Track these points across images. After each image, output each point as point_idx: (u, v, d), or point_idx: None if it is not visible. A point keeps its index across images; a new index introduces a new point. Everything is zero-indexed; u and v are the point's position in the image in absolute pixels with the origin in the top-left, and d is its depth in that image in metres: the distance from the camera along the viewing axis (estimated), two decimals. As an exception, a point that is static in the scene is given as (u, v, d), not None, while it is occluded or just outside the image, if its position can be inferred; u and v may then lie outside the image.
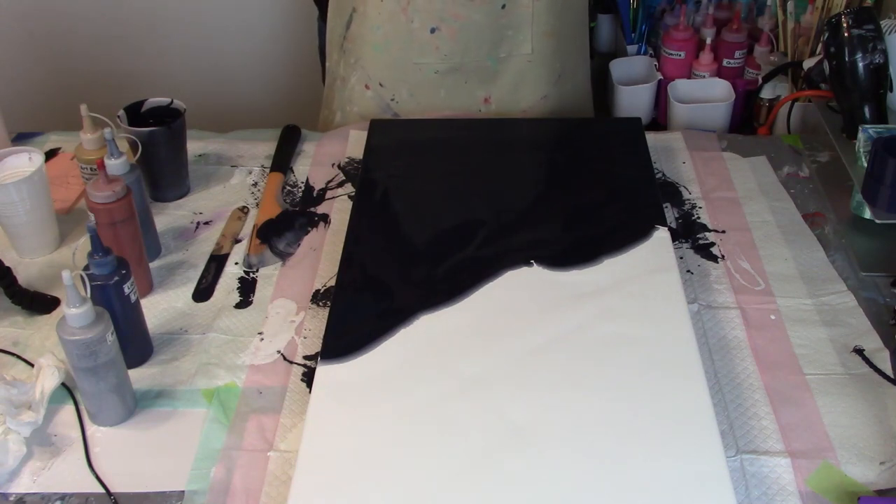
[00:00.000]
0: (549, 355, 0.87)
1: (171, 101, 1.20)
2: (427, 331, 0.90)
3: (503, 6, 1.24)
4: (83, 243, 0.90)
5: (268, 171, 1.24)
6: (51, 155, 1.27)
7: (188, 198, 1.21)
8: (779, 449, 0.83)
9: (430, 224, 1.06)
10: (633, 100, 1.55)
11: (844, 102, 1.15)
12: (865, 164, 1.07)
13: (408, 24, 1.24)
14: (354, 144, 1.28)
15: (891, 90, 1.13)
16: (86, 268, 0.88)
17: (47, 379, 0.88)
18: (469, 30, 1.24)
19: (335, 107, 1.40)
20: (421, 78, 1.29)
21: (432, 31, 1.25)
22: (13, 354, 0.96)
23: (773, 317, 0.98)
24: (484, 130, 1.24)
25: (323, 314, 0.99)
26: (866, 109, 1.12)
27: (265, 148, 1.29)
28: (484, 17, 1.23)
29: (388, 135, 1.23)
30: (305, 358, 0.95)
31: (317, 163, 1.26)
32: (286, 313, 1.01)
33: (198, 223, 1.16)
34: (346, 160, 1.26)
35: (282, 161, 1.25)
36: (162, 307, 1.02)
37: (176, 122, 1.16)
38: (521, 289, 0.95)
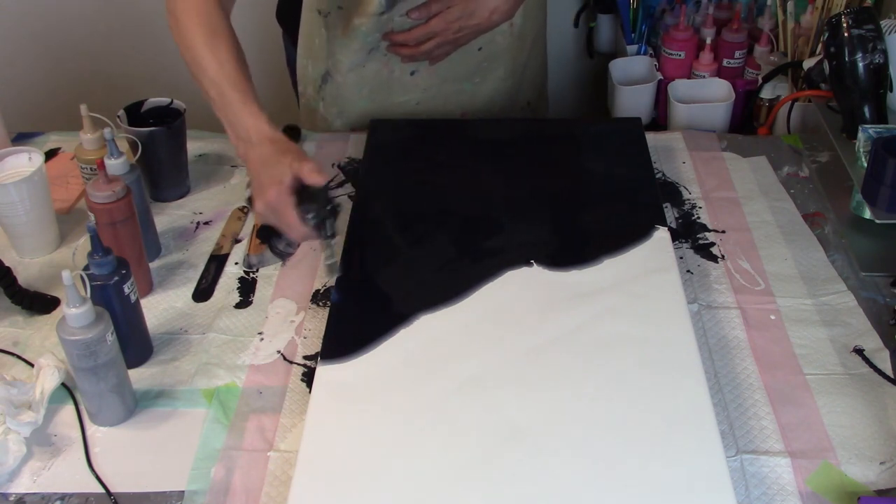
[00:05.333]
0: (549, 355, 0.87)
1: (171, 101, 1.20)
2: (427, 331, 0.90)
3: (479, 48, 1.27)
4: (83, 243, 0.90)
5: (268, 171, 1.24)
6: (51, 155, 1.27)
7: (188, 198, 1.21)
8: (779, 449, 0.83)
9: (430, 224, 1.06)
10: (633, 100, 1.55)
11: (844, 102, 1.15)
12: (865, 164, 1.07)
13: (389, 74, 1.27)
14: (354, 144, 1.28)
15: (891, 90, 1.13)
16: (86, 268, 0.88)
17: (47, 379, 0.88)
18: (447, 68, 1.27)
19: (317, 133, 1.39)
20: (403, 110, 1.32)
21: (412, 73, 1.28)
22: (13, 354, 0.96)
23: (773, 317, 0.98)
24: (484, 130, 1.24)
25: (323, 314, 0.99)
26: (866, 109, 1.12)
27: (265, 148, 1.29)
28: (461, 57, 1.26)
29: (388, 135, 1.23)
30: (305, 358, 0.95)
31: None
32: (286, 313, 1.01)
33: (198, 223, 1.16)
34: (346, 160, 1.26)
35: (282, 161, 1.24)
36: (162, 307, 1.02)
37: (176, 122, 1.16)
38: (521, 289, 0.95)
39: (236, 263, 1.09)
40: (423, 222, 1.06)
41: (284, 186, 0.92)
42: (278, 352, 0.96)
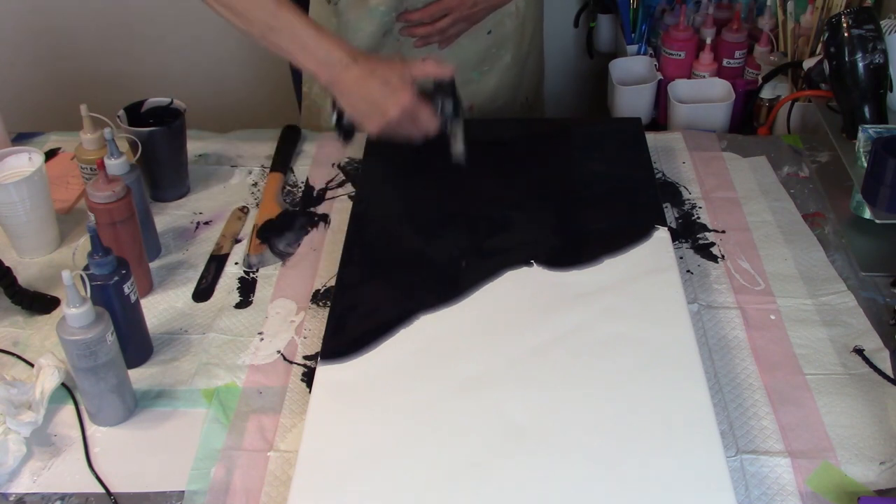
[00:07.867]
0: (550, 355, 0.87)
1: (171, 101, 1.20)
2: (427, 331, 0.90)
3: (489, 32, 1.27)
4: (83, 243, 0.90)
5: (268, 171, 1.24)
6: (51, 155, 1.28)
7: (188, 198, 1.21)
8: (779, 449, 0.83)
9: (430, 224, 1.06)
10: (633, 100, 1.55)
11: (844, 102, 1.15)
12: (865, 164, 1.07)
13: None
14: (355, 144, 1.28)
15: (891, 90, 1.13)
16: (86, 268, 0.88)
17: (47, 379, 0.88)
18: (457, 54, 1.27)
19: (320, 132, 1.38)
20: None
21: (423, 61, 1.26)
22: (13, 354, 0.96)
23: (773, 317, 0.98)
24: (484, 130, 1.23)
25: (323, 314, 0.99)
26: (866, 109, 1.12)
27: (265, 148, 1.29)
28: (471, 42, 1.26)
29: (388, 135, 1.23)
30: (305, 358, 0.95)
31: (317, 163, 1.26)
32: (286, 313, 1.01)
33: (198, 223, 1.16)
34: (346, 160, 1.26)
35: (282, 161, 1.25)
36: (162, 307, 1.02)
37: (176, 122, 1.16)
38: (521, 289, 0.95)
39: (236, 263, 1.09)
40: (423, 222, 1.07)
41: (413, 88, 0.96)
42: (278, 352, 0.96)
